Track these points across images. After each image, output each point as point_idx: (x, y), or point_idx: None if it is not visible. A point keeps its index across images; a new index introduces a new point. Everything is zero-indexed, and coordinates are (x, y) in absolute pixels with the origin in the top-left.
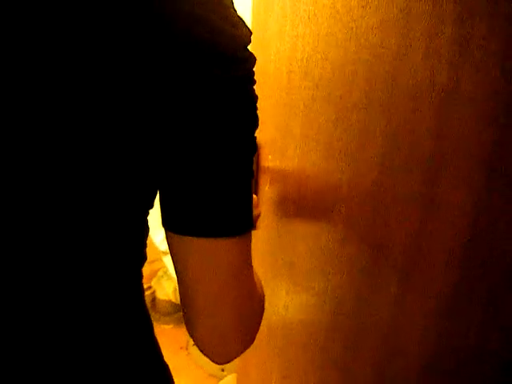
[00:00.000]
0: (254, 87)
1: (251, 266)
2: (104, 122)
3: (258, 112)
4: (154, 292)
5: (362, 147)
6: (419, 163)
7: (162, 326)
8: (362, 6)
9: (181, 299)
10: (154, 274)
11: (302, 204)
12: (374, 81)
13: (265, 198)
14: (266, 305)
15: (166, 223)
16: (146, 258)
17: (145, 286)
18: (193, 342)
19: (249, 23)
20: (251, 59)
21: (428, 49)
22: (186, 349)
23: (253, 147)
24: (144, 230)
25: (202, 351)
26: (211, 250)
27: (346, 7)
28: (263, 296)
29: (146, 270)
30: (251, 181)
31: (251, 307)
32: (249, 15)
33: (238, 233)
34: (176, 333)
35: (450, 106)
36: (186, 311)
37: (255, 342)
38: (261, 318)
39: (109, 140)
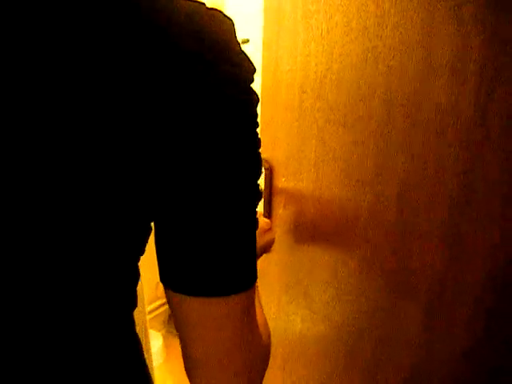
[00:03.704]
0: (258, 130)
1: (255, 317)
2: (98, 164)
3: (269, 131)
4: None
5: (380, 176)
6: (444, 198)
7: (177, 339)
8: (379, 24)
9: (182, 349)
10: None
11: (318, 229)
12: (393, 106)
13: (278, 221)
14: (281, 331)
15: (163, 279)
16: (136, 305)
17: (161, 302)
18: None
19: (259, 39)
20: (253, 101)
21: (452, 74)
22: None
23: (256, 195)
24: (135, 276)
25: None
26: (211, 309)
27: (361, 25)
28: (269, 340)
29: (162, 285)
30: (255, 232)
31: (255, 358)
32: (259, 31)
33: (241, 290)
34: None
35: (477, 138)
36: (186, 362)
37: (269, 369)
38: (266, 364)
39: (103, 184)
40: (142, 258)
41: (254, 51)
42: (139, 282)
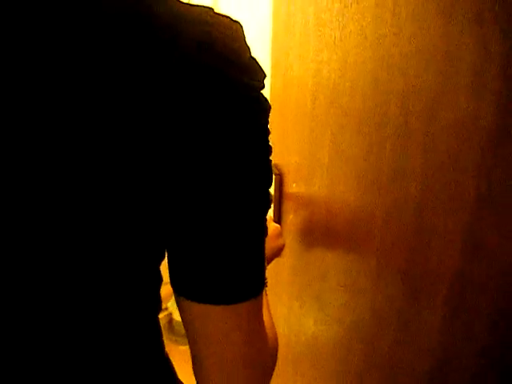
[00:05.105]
0: (269, 138)
1: (263, 322)
2: (111, 173)
3: (279, 137)
4: (170, 314)
5: (396, 182)
6: (464, 201)
7: (180, 347)
8: (395, 34)
9: (192, 357)
10: (170, 295)
11: (330, 235)
12: (409, 113)
13: (289, 227)
14: (293, 335)
15: (175, 286)
16: (160, 306)
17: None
18: None
19: (268, 45)
20: (264, 109)
21: (472, 81)
22: None
23: (266, 203)
24: (157, 279)
25: None
26: (222, 316)
27: (376, 34)
28: (276, 343)
29: (162, 291)
30: (264, 239)
31: (263, 362)
32: (268, 37)
33: (251, 296)
34: None
35: (498, 143)
36: (196, 370)
37: (279, 370)
38: (274, 366)
39: (116, 194)
40: None
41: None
42: None
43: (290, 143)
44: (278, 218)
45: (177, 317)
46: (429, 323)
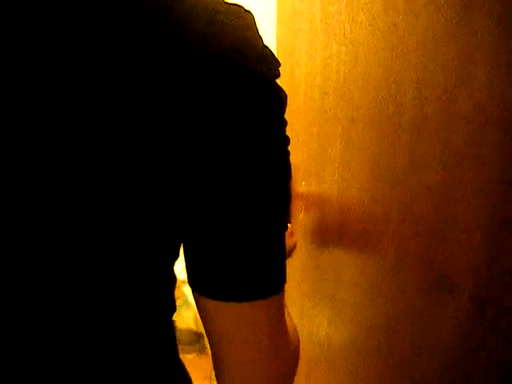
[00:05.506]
0: (286, 128)
1: (284, 321)
2: (123, 171)
3: (288, 135)
4: (174, 322)
5: (413, 175)
6: (485, 193)
7: (185, 355)
8: (409, 21)
9: (212, 356)
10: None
11: (344, 232)
12: (426, 101)
13: (299, 226)
14: (305, 336)
15: (193, 284)
16: (175, 308)
17: None
18: None
19: (274, 42)
20: (280, 98)
21: (492, 67)
22: (210, 379)
23: (286, 196)
24: (171, 279)
25: None
26: (243, 313)
27: (389, 24)
28: (298, 344)
29: None
30: (284, 234)
31: (285, 363)
32: (273, 34)
33: (272, 293)
34: (199, 362)
35: None
36: (217, 370)
37: None
38: (296, 368)
39: (130, 192)
40: None
41: None
42: None
43: (297, 141)
44: (288, 218)
45: (180, 324)
46: (450, 321)
